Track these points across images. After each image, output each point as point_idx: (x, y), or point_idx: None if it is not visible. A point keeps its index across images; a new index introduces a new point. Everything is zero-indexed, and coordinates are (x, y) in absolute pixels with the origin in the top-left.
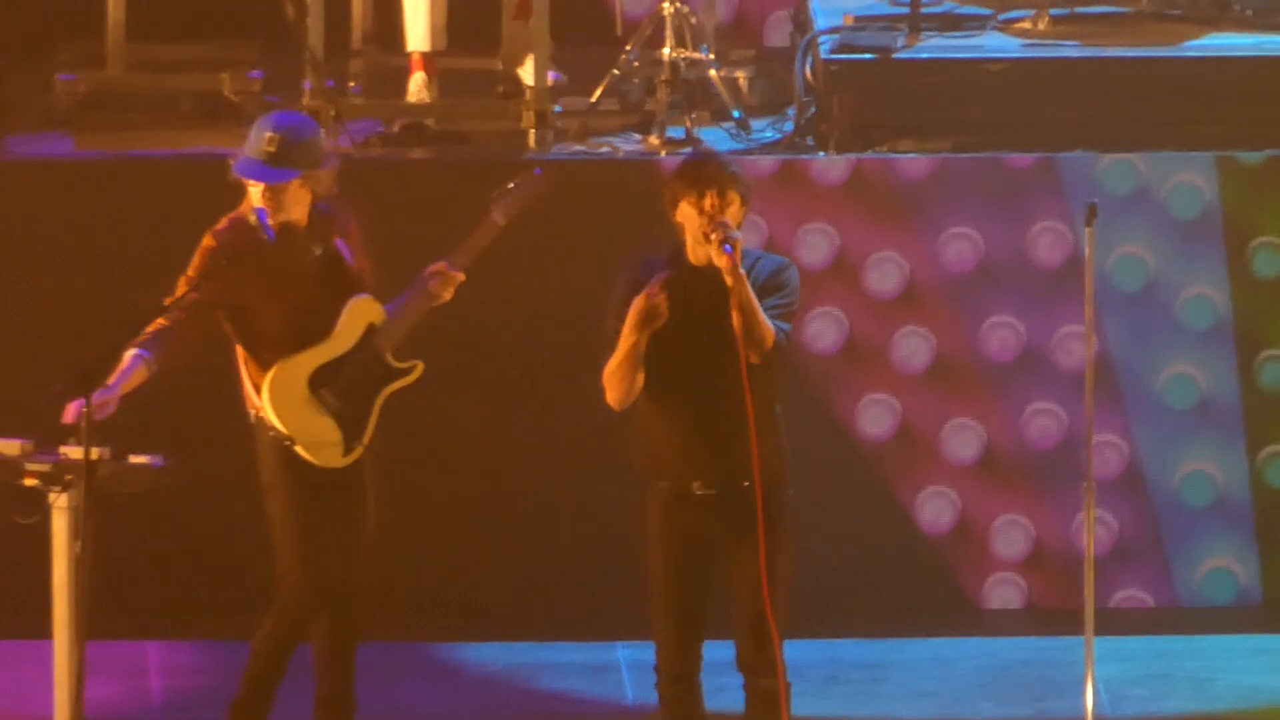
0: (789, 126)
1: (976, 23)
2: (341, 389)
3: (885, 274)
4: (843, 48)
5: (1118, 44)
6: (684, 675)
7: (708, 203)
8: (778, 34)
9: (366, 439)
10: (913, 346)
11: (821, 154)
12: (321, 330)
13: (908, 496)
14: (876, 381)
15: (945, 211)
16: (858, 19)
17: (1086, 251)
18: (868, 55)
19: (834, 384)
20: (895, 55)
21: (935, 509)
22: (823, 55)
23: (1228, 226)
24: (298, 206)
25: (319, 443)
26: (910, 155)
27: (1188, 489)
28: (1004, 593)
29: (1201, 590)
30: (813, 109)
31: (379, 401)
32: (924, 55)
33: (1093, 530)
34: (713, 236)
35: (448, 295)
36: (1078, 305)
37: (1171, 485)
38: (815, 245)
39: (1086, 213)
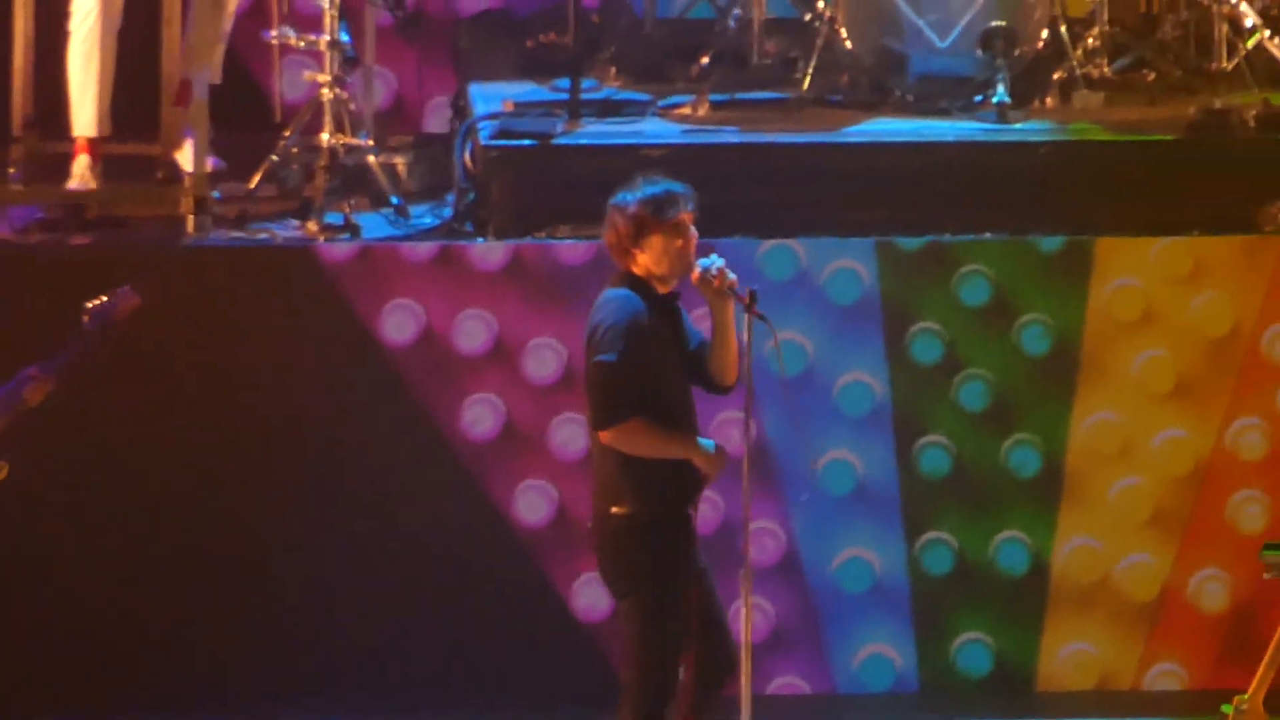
0: (448, 212)
1: (636, 108)
2: None
3: (543, 360)
4: (502, 133)
5: (778, 130)
6: None
7: (689, 231)
8: (437, 120)
9: None
10: (570, 433)
11: (480, 240)
12: None
13: (564, 584)
14: (533, 468)
15: None
16: (517, 105)
17: (745, 337)
18: (527, 141)
19: (491, 470)
20: (554, 141)
21: (592, 594)
22: (482, 141)
23: (886, 312)
24: None
25: None
26: (569, 241)
27: (845, 575)
28: None
29: (859, 677)
30: (472, 194)
31: None
32: (583, 141)
33: (750, 617)
34: (716, 273)
35: (35, 400)
36: (736, 391)
37: (829, 571)
38: (473, 331)
39: (747, 297)
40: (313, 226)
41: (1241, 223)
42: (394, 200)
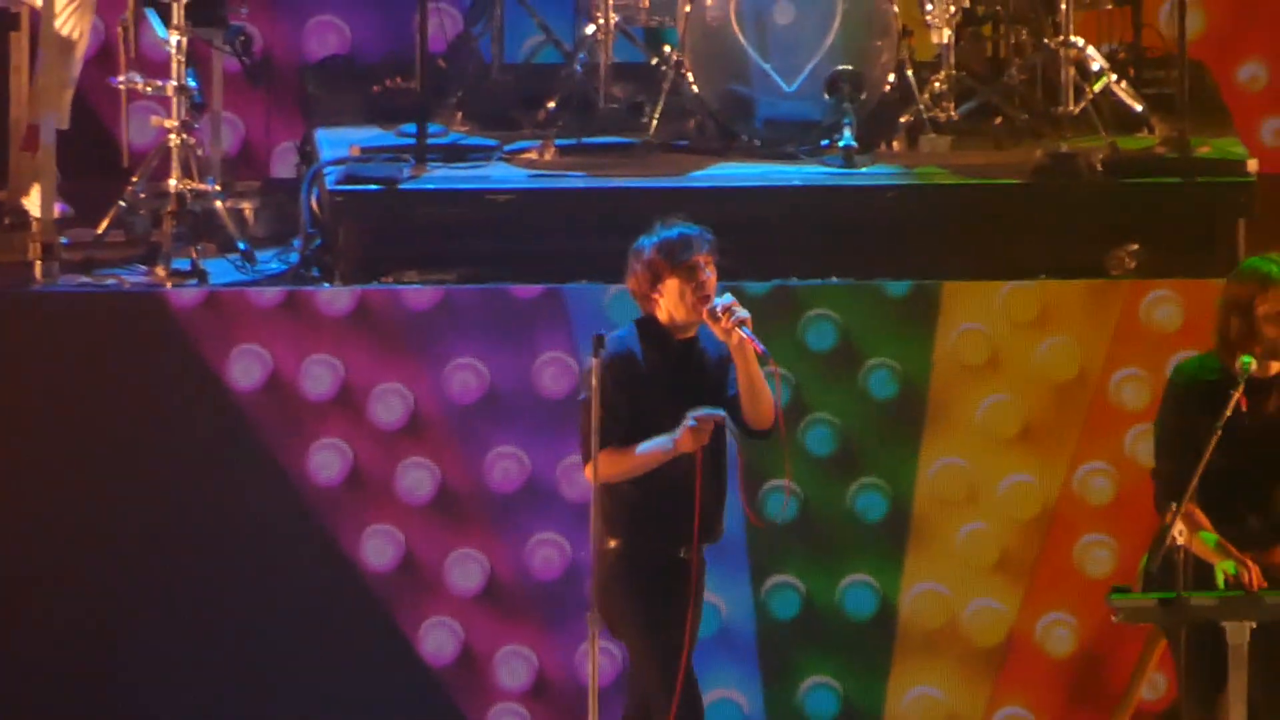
0: (295, 257)
1: (483, 154)
2: None
3: (389, 405)
4: (348, 179)
5: (624, 174)
6: None
7: (703, 274)
8: (284, 165)
9: None
10: (416, 478)
11: (327, 285)
12: None
13: (411, 627)
14: (380, 512)
15: (450, 342)
16: (364, 150)
17: (593, 382)
18: (373, 186)
19: (337, 515)
20: (401, 186)
21: (438, 640)
22: (329, 186)
23: None
24: None
25: None
26: (416, 286)
27: None
28: None
29: None
30: (318, 240)
31: None
32: (430, 186)
33: (596, 660)
34: (722, 315)
35: None
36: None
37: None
38: (319, 377)
39: (593, 343)
40: (160, 272)
41: (1088, 267)
42: (241, 245)
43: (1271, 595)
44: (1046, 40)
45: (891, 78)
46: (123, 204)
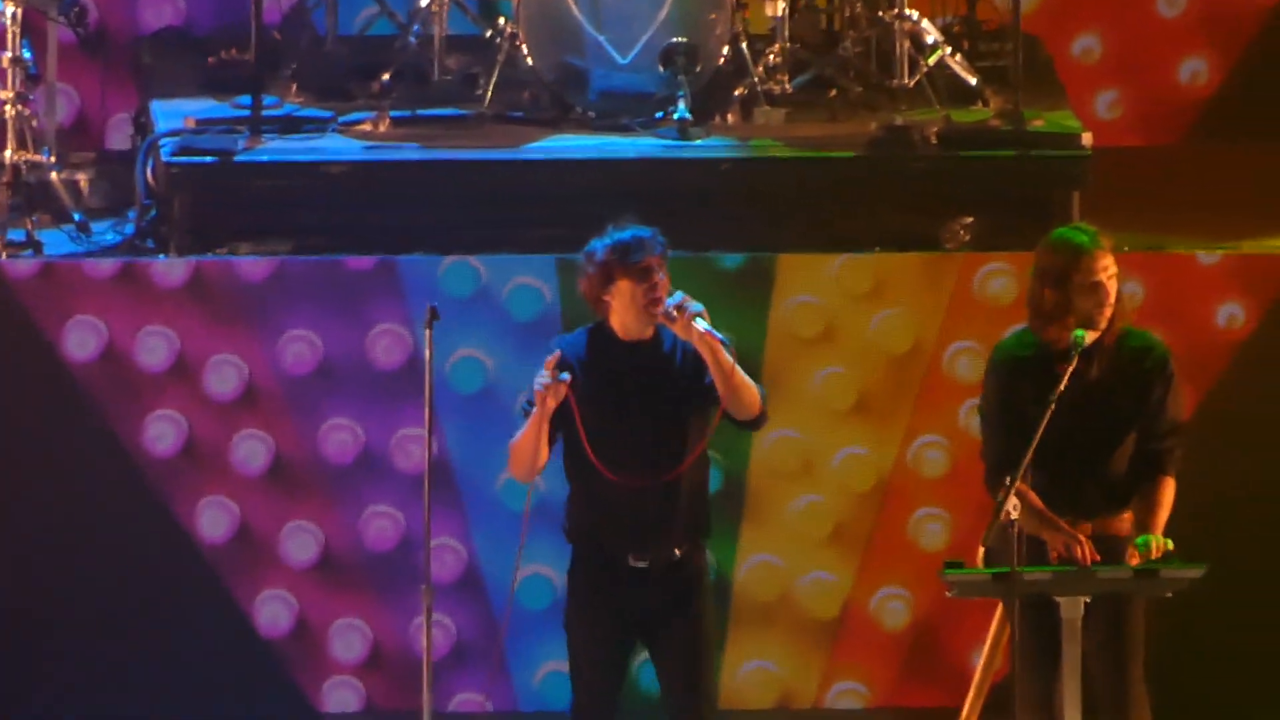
0: (130, 229)
1: (317, 125)
2: None
3: (224, 376)
4: (183, 150)
5: (459, 146)
6: None
7: (656, 276)
8: (119, 137)
9: None
10: (251, 449)
11: (162, 256)
12: None
13: (246, 599)
14: (215, 484)
15: (285, 314)
16: (199, 122)
17: (426, 354)
18: (208, 158)
19: (172, 486)
20: (236, 158)
21: (273, 611)
22: (164, 158)
23: (567, 328)
24: None
25: None
26: (250, 258)
27: (526, 591)
28: (342, 695)
29: (540, 694)
30: (154, 211)
31: None
32: (264, 158)
33: (430, 633)
34: (676, 313)
35: None
36: (417, 407)
37: (510, 587)
38: (154, 348)
39: (426, 315)
40: None
41: (923, 240)
42: (76, 217)
43: (1104, 569)
44: (881, 13)
45: (726, 50)
46: None
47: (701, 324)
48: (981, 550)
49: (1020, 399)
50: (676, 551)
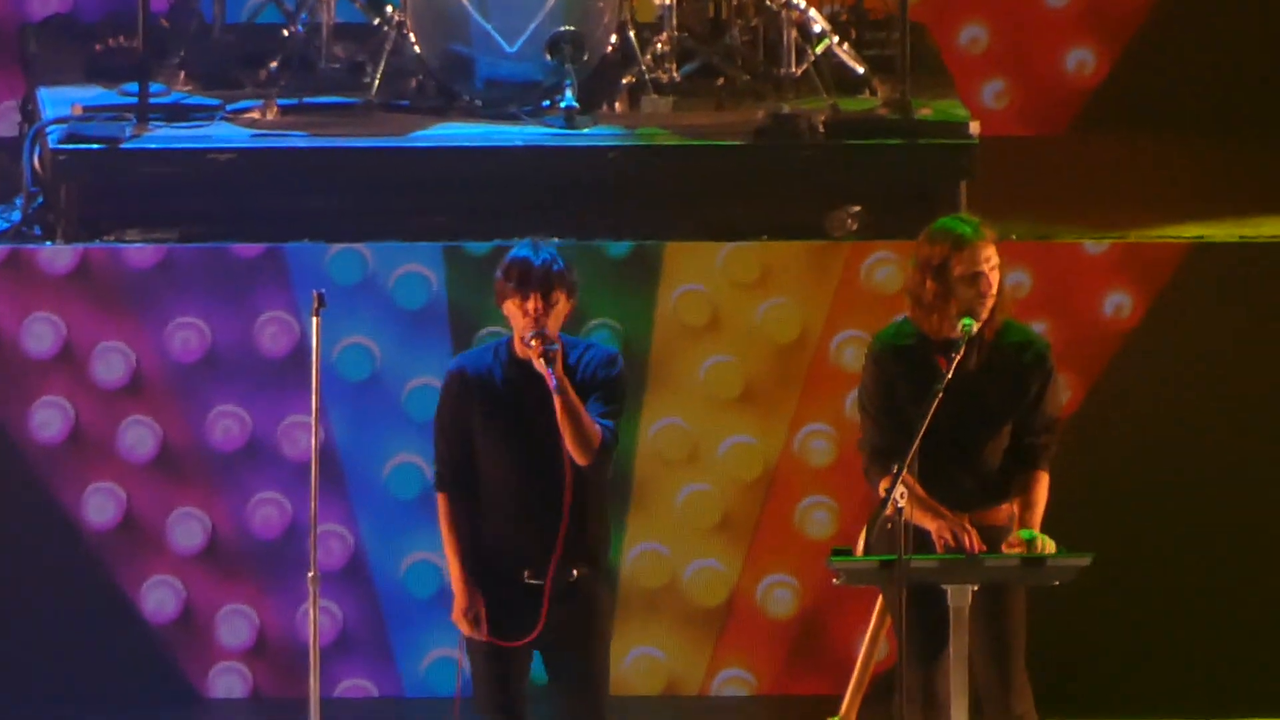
0: (16, 216)
1: (206, 113)
2: None
3: (111, 364)
4: (70, 137)
5: (346, 134)
6: None
7: (530, 305)
8: (6, 123)
9: None
10: (138, 435)
11: (49, 243)
12: None
13: (132, 586)
14: (102, 470)
15: (172, 301)
16: (86, 109)
17: (313, 341)
18: (95, 145)
19: (59, 473)
20: (123, 145)
21: (159, 598)
22: (50, 145)
23: (454, 316)
24: None
25: None
26: (137, 245)
27: (413, 579)
28: (228, 681)
29: (426, 680)
30: (40, 198)
31: None
32: (152, 145)
33: (316, 620)
34: (532, 344)
35: None
36: (304, 394)
37: (396, 575)
38: (41, 335)
39: (314, 302)
40: None
41: (810, 228)
42: None
43: (991, 558)
44: (768, 2)
45: (613, 39)
46: None
47: (541, 364)
48: (863, 539)
49: (896, 390)
50: (574, 573)
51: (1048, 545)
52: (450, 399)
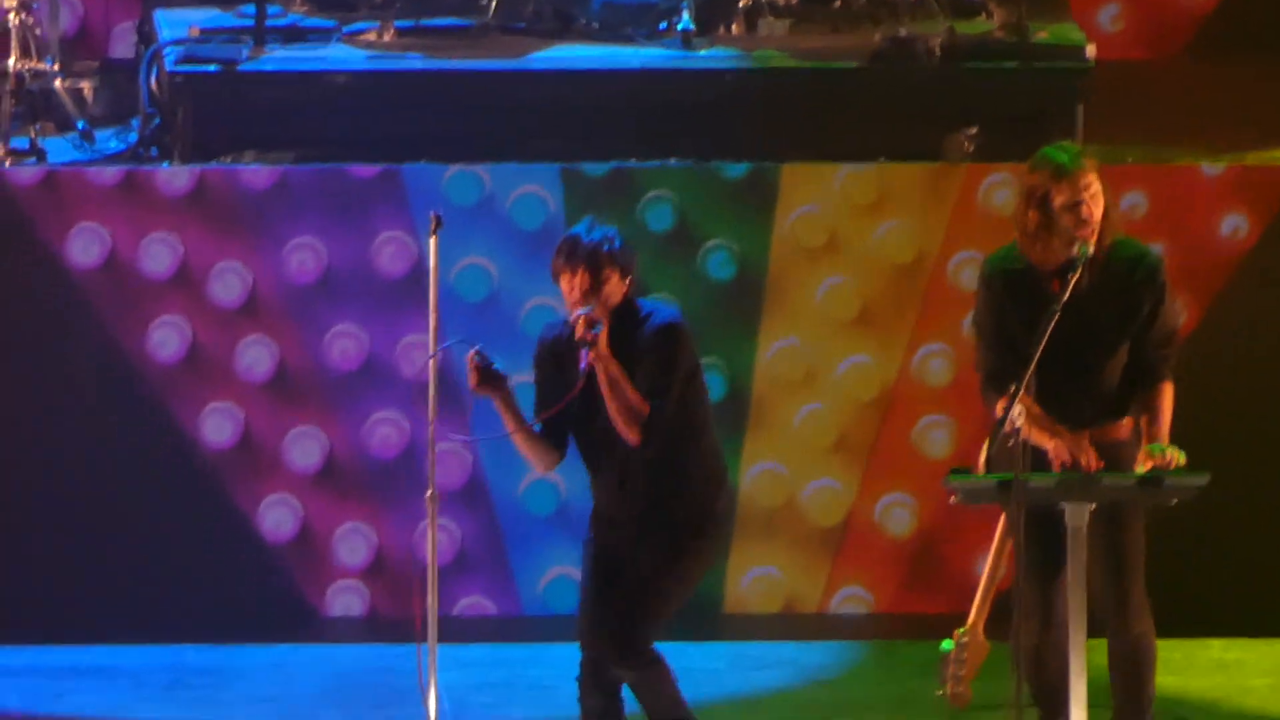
0: (133, 137)
1: (321, 35)
2: None
3: (228, 284)
4: (187, 59)
5: (462, 56)
6: None
7: (577, 280)
8: (123, 45)
9: None
10: (255, 356)
11: (166, 165)
12: None
13: (250, 505)
14: (219, 391)
15: (288, 222)
16: (203, 31)
17: (430, 262)
18: (212, 67)
19: (176, 393)
20: (240, 67)
21: (277, 517)
22: (168, 67)
23: None
24: None
25: None
26: (253, 166)
27: (531, 498)
28: (346, 600)
29: (544, 599)
30: (157, 120)
31: None
32: (268, 68)
33: (435, 539)
34: (579, 324)
35: None
36: (421, 315)
37: (515, 494)
38: (158, 255)
39: (431, 223)
40: None
41: (927, 151)
42: (80, 125)
43: (1109, 476)
44: None
45: None
46: None
47: (585, 341)
48: (983, 458)
49: (1008, 313)
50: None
51: (1178, 459)
52: (536, 361)
